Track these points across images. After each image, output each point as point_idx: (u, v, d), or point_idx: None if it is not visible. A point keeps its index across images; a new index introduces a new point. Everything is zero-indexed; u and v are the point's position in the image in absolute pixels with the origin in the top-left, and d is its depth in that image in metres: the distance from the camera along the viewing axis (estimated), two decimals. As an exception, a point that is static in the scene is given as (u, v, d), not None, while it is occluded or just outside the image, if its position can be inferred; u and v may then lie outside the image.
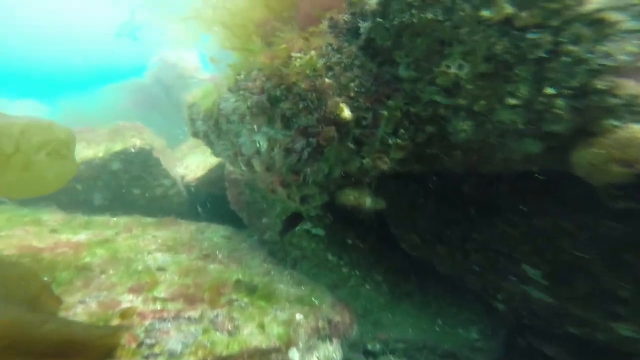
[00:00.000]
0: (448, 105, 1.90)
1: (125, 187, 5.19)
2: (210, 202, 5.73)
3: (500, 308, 3.25)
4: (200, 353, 1.78)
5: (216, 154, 3.76)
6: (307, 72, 1.91)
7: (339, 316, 2.46)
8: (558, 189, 2.65)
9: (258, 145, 2.54)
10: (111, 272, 2.47)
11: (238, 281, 2.58)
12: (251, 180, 4.45)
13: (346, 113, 1.88)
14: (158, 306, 2.07)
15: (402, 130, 2.05)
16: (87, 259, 2.57)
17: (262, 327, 2.05)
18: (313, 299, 2.69)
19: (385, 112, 1.98)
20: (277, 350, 1.98)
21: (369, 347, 3.24)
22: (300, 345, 2.15)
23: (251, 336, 1.98)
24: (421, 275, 3.62)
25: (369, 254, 3.68)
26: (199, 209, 5.82)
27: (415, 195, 3.45)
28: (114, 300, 2.05)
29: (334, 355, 2.38)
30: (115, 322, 1.85)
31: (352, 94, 1.94)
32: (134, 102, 10.94)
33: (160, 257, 2.90)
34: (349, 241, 3.74)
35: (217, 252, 3.38)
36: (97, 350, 1.57)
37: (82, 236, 3.07)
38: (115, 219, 3.92)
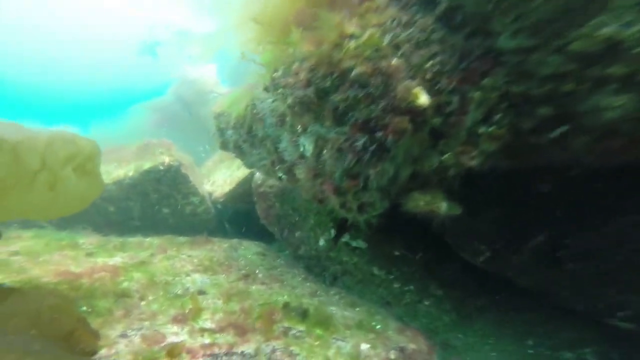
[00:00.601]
0: (585, 77, 1.54)
1: (156, 205, 5.11)
2: (238, 218, 5.56)
3: (623, 327, 2.77)
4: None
5: (249, 165, 3.55)
6: (367, 53, 1.64)
7: (412, 344, 2.11)
8: None
9: (302, 149, 2.28)
10: (150, 297, 2.26)
11: (286, 305, 2.31)
12: (287, 191, 4.23)
13: (422, 99, 1.57)
14: (207, 340, 1.82)
15: (498, 116, 1.72)
16: (125, 284, 2.38)
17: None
18: (374, 323, 2.37)
19: (477, 95, 1.65)
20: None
21: (445, 374, 2.86)
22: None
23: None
24: (493, 289, 3.20)
25: (423, 266, 3.31)
26: (227, 226, 5.67)
27: (473, 196, 3.07)
28: (158, 334, 1.82)
29: (411, 391, 2.04)
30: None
31: (429, 75, 1.63)
32: (157, 122, 11.18)
33: (199, 279, 2.69)
34: (397, 253, 3.36)
35: (256, 271, 3.14)
36: None
37: (118, 259, 2.92)
38: (148, 239, 3.78)
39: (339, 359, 1.81)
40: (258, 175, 4.62)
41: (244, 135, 2.99)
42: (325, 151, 2.01)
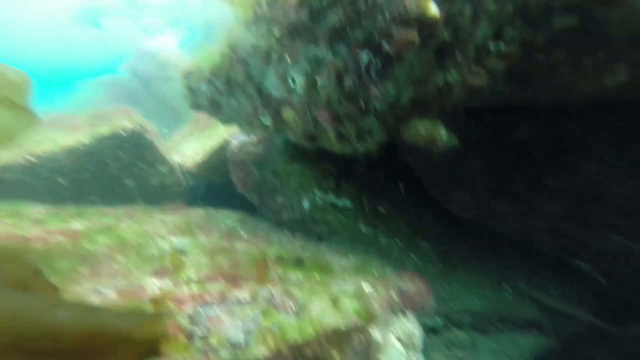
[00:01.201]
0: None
1: (117, 178, 4.60)
2: (212, 193, 5.20)
3: (584, 268, 2.89)
4: (270, 341, 1.32)
5: (226, 120, 3.23)
6: None
7: (411, 285, 2.03)
8: None
9: (292, 83, 2.06)
10: (121, 258, 1.96)
11: (279, 256, 2.12)
12: (266, 156, 3.98)
13: (432, 9, 1.42)
14: (195, 289, 1.59)
15: (510, 31, 1.60)
16: (90, 247, 2.05)
17: (334, 303, 1.60)
18: (371, 269, 2.25)
19: (491, 5, 1.51)
20: (358, 329, 1.54)
21: (429, 323, 2.84)
22: (379, 322, 1.72)
23: (324, 314, 1.53)
24: (474, 239, 3.24)
25: (408, 221, 3.27)
26: (200, 204, 5.31)
27: (458, 147, 3.05)
28: (136, 286, 1.56)
29: (414, 331, 1.96)
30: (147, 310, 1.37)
31: None
32: (111, 99, 10.17)
33: (177, 241, 2.39)
34: (382, 209, 3.30)
35: (240, 232, 2.89)
36: (137, 345, 1.09)
37: (78, 225, 2.53)
38: (110, 209, 3.37)
39: (344, 298, 1.66)
40: (234, 142, 4.31)
41: (222, 85, 2.69)
42: (319, 79, 1.81)
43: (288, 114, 2.21)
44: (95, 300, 1.42)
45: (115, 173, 4.50)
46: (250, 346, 1.29)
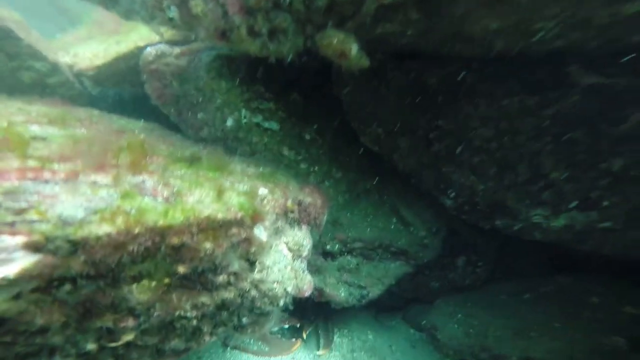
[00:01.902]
0: None
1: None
2: (123, 101, 4.37)
3: (447, 204, 3.15)
4: (120, 220, 1.03)
5: (123, 14, 2.55)
6: None
7: (309, 197, 1.89)
8: (527, 72, 2.44)
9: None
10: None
11: (172, 154, 1.76)
12: (189, 70, 3.45)
13: None
14: (31, 164, 1.18)
15: None
16: None
17: (218, 194, 1.36)
18: (276, 178, 2.06)
19: None
20: (239, 223, 1.34)
21: (328, 247, 2.86)
22: (267, 224, 1.55)
23: (201, 204, 1.28)
24: (379, 174, 3.30)
25: (328, 149, 3.16)
26: (108, 110, 4.44)
27: (378, 86, 2.97)
28: None
29: (304, 241, 1.86)
30: None
31: None
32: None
33: (38, 129, 1.82)
34: (307, 136, 3.13)
35: (136, 131, 2.39)
36: None
37: None
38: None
39: (231, 192, 1.42)
40: (151, 50, 3.60)
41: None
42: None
43: (196, 4, 1.74)
44: None
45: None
46: (87, 222, 0.99)
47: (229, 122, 3.17)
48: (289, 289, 1.64)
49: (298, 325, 3.48)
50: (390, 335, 4.19)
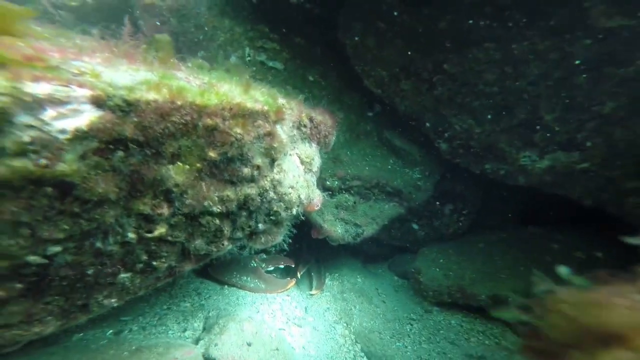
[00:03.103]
0: None
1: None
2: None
3: (442, 147, 3.36)
4: (165, 91, 1.08)
5: None
6: None
7: (320, 116, 2.00)
8: (542, 15, 2.58)
9: None
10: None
11: (188, 67, 1.78)
12: (188, 6, 3.36)
13: None
14: (70, 51, 1.18)
15: None
16: None
17: (245, 89, 1.43)
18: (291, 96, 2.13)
19: None
20: (265, 116, 1.42)
21: (328, 183, 3.01)
22: (285, 128, 1.65)
23: (231, 93, 1.35)
24: (379, 117, 3.43)
25: (332, 92, 3.25)
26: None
27: (385, 30, 3.03)
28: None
29: (314, 157, 1.98)
30: None
31: None
32: None
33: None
34: (310, 77, 3.21)
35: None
36: None
37: None
38: None
39: (255, 91, 1.49)
40: None
41: None
42: None
43: None
44: None
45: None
46: (138, 89, 1.04)
47: (232, 59, 3.17)
48: (302, 197, 1.77)
49: (292, 266, 3.69)
50: (376, 280, 4.53)
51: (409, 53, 3.01)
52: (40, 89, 0.83)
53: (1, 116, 0.78)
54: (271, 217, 1.69)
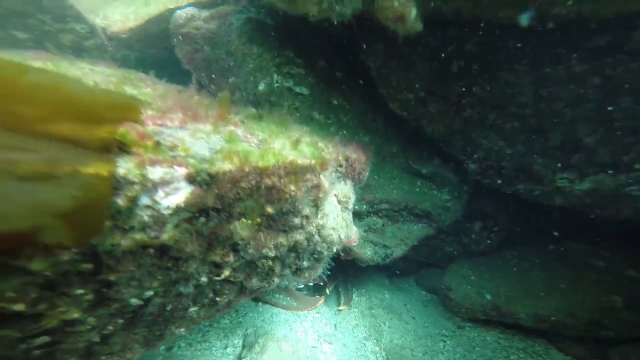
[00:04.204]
0: None
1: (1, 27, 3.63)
2: (145, 63, 4.54)
3: (471, 168, 3.50)
4: (235, 160, 1.34)
5: None
6: None
7: (354, 154, 2.22)
8: (582, 39, 2.66)
9: None
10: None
11: (238, 112, 2.05)
12: (219, 34, 3.64)
13: None
14: (153, 113, 1.47)
15: None
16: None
17: (293, 144, 1.67)
18: (325, 133, 2.37)
19: None
20: (311, 170, 1.66)
21: (356, 207, 3.22)
22: (327, 173, 1.88)
23: (284, 150, 1.60)
24: (404, 139, 3.61)
25: (356, 115, 3.46)
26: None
27: (410, 54, 3.20)
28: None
29: (350, 195, 2.21)
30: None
31: None
32: None
33: (115, 87, 2.09)
34: (335, 101, 3.41)
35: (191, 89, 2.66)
36: (104, 122, 0.99)
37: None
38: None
39: (302, 143, 1.73)
40: (180, 13, 3.76)
41: None
42: None
43: None
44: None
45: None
46: (216, 161, 1.30)
47: (261, 87, 3.41)
48: (342, 236, 2.00)
49: (321, 284, 3.92)
50: (404, 295, 4.69)
51: (436, 76, 3.17)
52: (156, 173, 1.10)
53: (133, 201, 1.05)
54: (315, 256, 1.93)
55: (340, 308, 3.99)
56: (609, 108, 2.72)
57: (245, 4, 3.66)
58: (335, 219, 1.98)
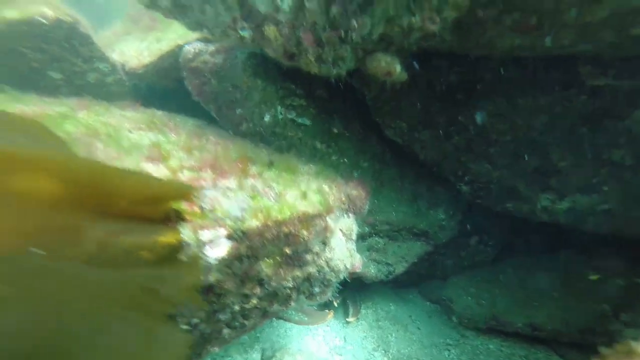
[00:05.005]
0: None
1: (39, 70, 4.10)
2: (155, 93, 4.99)
3: (463, 190, 3.88)
4: (260, 217, 1.74)
5: (193, 26, 3.13)
6: None
7: (355, 190, 2.62)
8: (541, 73, 3.07)
9: (279, 2, 2.20)
10: (101, 146, 2.07)
11: (251, 158, 2.46)
12: (225, 68, 3.97)
13: None
14: (189, 175, 1.88)
15: None
16: (60, 132, 2.08)
17: (303, 195, 2.08)
18: (327, 174, 2.77)
19: None
20: (320, 216, 2.06)
21: (360, 230, 3.60)
22: (333, 215, 2.27)
23: (296, 202, 2.00)
24: (400, 163, 4.00)
25: (355, 143, 3.81)
26: (144, 101, 5.06)
27: (402, 85, 3.58)
28: (140, 168, 1.78)
29: (352, 227, 2.60)
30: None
31: None
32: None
33: (146, 135, 2.52)
34: (335, 130, 3.76)
35: (207, 133, 3.08)
36: (169, 206, 1.40)
37: (25, 108, 2.42)
38: (53, 98, 3.16)
39: (309, 192, 2.14)
40: (189, 49, 4.13)
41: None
42: (307, 2, 2.01)
43: (271, 30, 2.36)
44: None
45: (37, 65, 4.00)
46: (246, 219, 1.71)
47: (267, 118, 3.76)
48: (347, 265, 2.40)
49: (330, 299, 4.31)
50: (409, 307, 5.05)
51: (426, 105, 3.55)
52: (206, 235, 1.51)
53: (196, 258, 1.46)
54: (324, 283, 2.33)
55: (348, 320, 4.36)
56: (572, 136, 3.13)
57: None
58: (341, 250, 2.38)
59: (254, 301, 1.94)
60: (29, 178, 1.11)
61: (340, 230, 2.49)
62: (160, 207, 1.40)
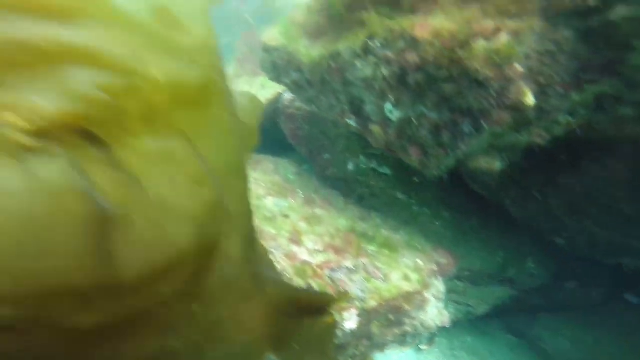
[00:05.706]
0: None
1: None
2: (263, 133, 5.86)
3: (559, 242, 3.98)
4: (376, 297, 2.40)
5: (306, 102, 3.82)
6: (496, 59, 1.94)
7: (443, 259, 3.12)
8: None
9: (389, 114, 2.75)
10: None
11: (356, 230, 3.13)
12: (316, 116, 4.46)
13: (529, 99, 1.91)
14: (321, 258, 2.62)
15: (582, 111, 2.10)
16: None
17: (404, 276, 2.68)
18: (415, 244, 3.31)
19: (576, 97, 1.97)
20: (419, 292, 2.66)
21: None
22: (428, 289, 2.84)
23: (400, 282, 2.61)
24: (485, 213, 4.22)
25: (436, 193, 4.06)
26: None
27: None
28: (289, 252, 2.57)
29: (441, 289, 3.13)
30: (309, 276, 2.40)
31: (543, 81, 1.94)
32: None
33: (274, 202, 3.32)
34: (416, 179, 3.97)
35: (312, 195, 3.82)
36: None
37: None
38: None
39: (407, 270, 2.74)
40: (285, 96, 4.71)
41: (315, 82, 3.26)
42: (417, 124, 2.52)
43: (375, 129, 2.94)
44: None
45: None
46: (367, 300, 2.37)
47: (350, 166, 4.14)
48: (437, 323, 2.94)
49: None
50: (488, 339, 5.24)
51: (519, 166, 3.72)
52: (346, 316, 2.22)
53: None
54: (416, 337, 2.92)
55: (422, 347, 4.80)
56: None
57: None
58: (432, 311, 2.93)
59: (362, 349, 2.63)
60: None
61: (432, 294, 3.04)
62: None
